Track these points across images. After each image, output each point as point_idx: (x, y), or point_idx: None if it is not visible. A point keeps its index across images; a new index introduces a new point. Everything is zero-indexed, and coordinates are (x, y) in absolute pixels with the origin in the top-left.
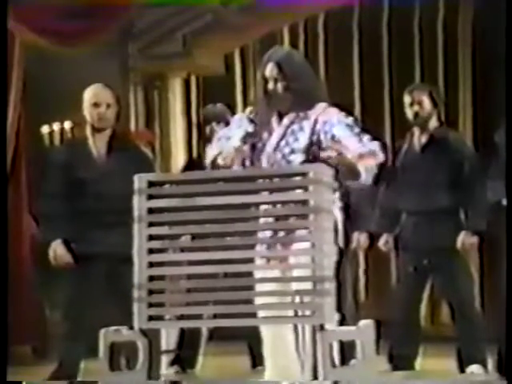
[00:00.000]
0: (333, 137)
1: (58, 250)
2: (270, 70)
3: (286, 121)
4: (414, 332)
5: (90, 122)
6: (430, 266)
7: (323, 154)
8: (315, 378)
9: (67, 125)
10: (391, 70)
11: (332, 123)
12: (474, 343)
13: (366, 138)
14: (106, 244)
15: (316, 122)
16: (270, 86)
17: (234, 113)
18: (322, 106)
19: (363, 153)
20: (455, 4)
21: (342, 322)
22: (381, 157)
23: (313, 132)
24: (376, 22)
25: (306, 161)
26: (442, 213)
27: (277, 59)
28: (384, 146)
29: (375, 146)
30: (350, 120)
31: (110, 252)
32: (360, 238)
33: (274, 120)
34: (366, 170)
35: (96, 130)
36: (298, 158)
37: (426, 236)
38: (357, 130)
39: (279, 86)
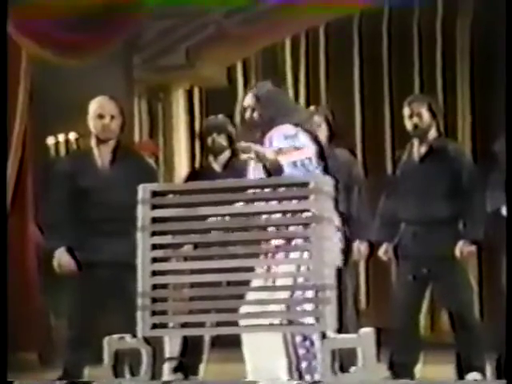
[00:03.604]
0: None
1: (62, 258)
2: (247, 99)
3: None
4: (413, 339)
5: (94, 133)
6: (429, 275)
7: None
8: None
9: (72, 136)
10: (391, 81)
11: (272, 138)
12: (473, 351)
13: (298, 138)
14: (110, 252)
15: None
16: (247, 114)
17: (235, 124)
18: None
19: (284, 147)
20: (453, 13)
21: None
22: (309, 150)
23: None
24: (376, 31)
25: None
26: (440, 222)
27: (256, 91)
28: (316, 138)
29: (302, 141)
30: (290, 131)
31: (113, 260)
32: (361, 247)
33: None
34: (288, 164)
35: (101, 141)
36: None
37: (425, 245)
38: (293, 138)
39: (255, 114)
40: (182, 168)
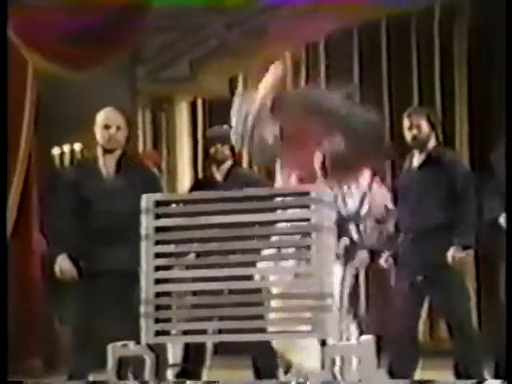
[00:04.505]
0: None
1: (63, 264)
2: None
3: None
4: (412, 346)
5: (100, 143)
6: (426, 283)
7: None
8: None
9: (77, 147)
10: (391, 91)
11: None
12: (470, 358)
13: None
14: (114, 261)
15: None
16: None
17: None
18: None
19: None
20: (450, 21)
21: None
22: None
23: None
24: (375, 42)
25: None
26: (436, 229)
27: None
28: None
29: None
30: None
31: (117, 268)
32: (362, 256)
33: None
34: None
35: (106, 151)
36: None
37: (422, 253)
38: None
39: None
40: (184, 178)
